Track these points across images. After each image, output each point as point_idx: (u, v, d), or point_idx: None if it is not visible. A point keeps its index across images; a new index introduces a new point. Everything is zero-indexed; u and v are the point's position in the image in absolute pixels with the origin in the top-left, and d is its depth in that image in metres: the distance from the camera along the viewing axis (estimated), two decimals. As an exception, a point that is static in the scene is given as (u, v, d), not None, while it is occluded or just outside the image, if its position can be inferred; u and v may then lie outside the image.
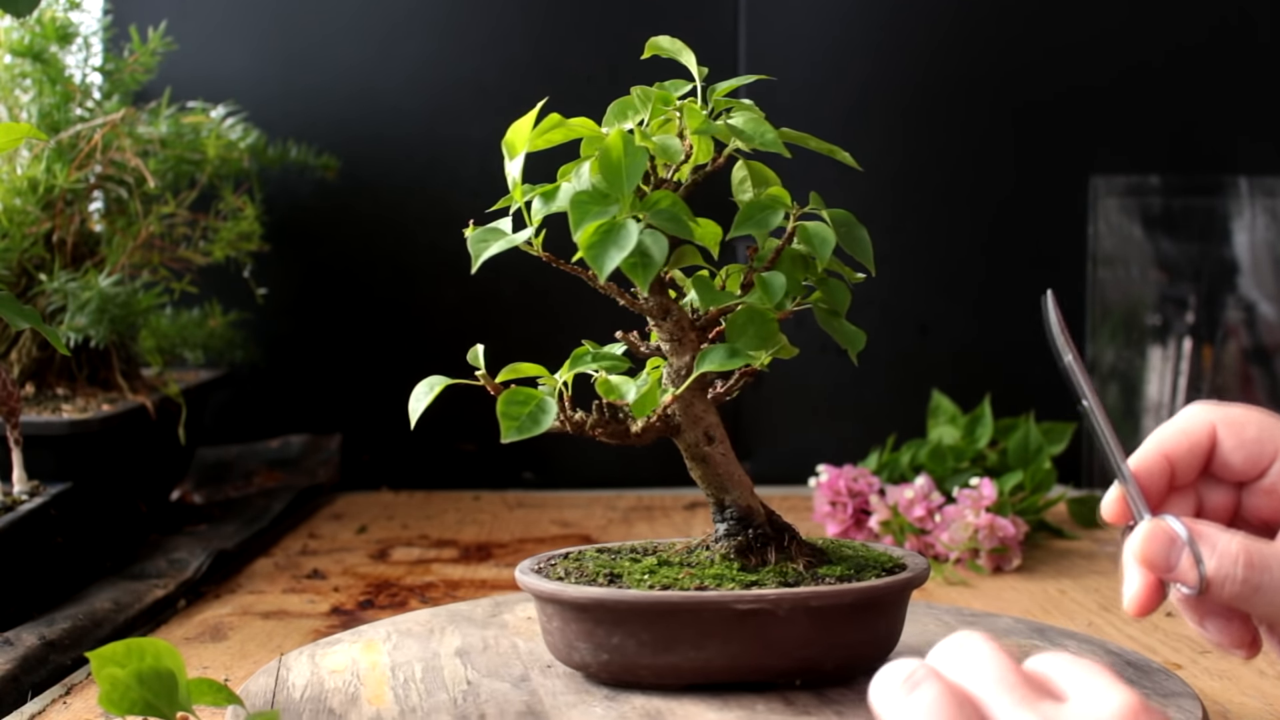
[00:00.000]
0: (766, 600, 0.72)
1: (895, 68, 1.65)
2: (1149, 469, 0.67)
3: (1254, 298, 1.60)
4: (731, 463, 0.80)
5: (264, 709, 0.77)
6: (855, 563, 0.78)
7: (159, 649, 0.63)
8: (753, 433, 1.66)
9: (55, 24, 1.26)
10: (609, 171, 0.73)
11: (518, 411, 0.74)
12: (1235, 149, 1.65)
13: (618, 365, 0.77)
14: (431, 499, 1.57)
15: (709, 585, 0.74)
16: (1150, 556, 0.63)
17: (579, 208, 0.71)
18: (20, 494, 1.06)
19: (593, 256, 0.71)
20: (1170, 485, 0.67)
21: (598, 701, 0.75)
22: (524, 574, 0.79)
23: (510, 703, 0.75)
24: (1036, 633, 0.87)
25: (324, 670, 0.83)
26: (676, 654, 0.74)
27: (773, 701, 0.73)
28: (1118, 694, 0.49)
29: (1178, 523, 0.63)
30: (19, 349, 1.26)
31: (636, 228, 0.71)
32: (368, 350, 1.65)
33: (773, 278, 0.75)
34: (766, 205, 0.76)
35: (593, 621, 0.75)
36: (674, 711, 0.72)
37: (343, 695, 0.78)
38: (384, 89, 1.64)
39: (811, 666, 0.75)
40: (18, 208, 1.22)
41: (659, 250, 0.71)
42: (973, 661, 0.51)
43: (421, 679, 0.80)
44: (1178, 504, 0.68)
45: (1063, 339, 0.66)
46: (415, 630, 0.90)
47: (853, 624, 0.75)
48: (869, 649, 0.76)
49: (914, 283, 1.66)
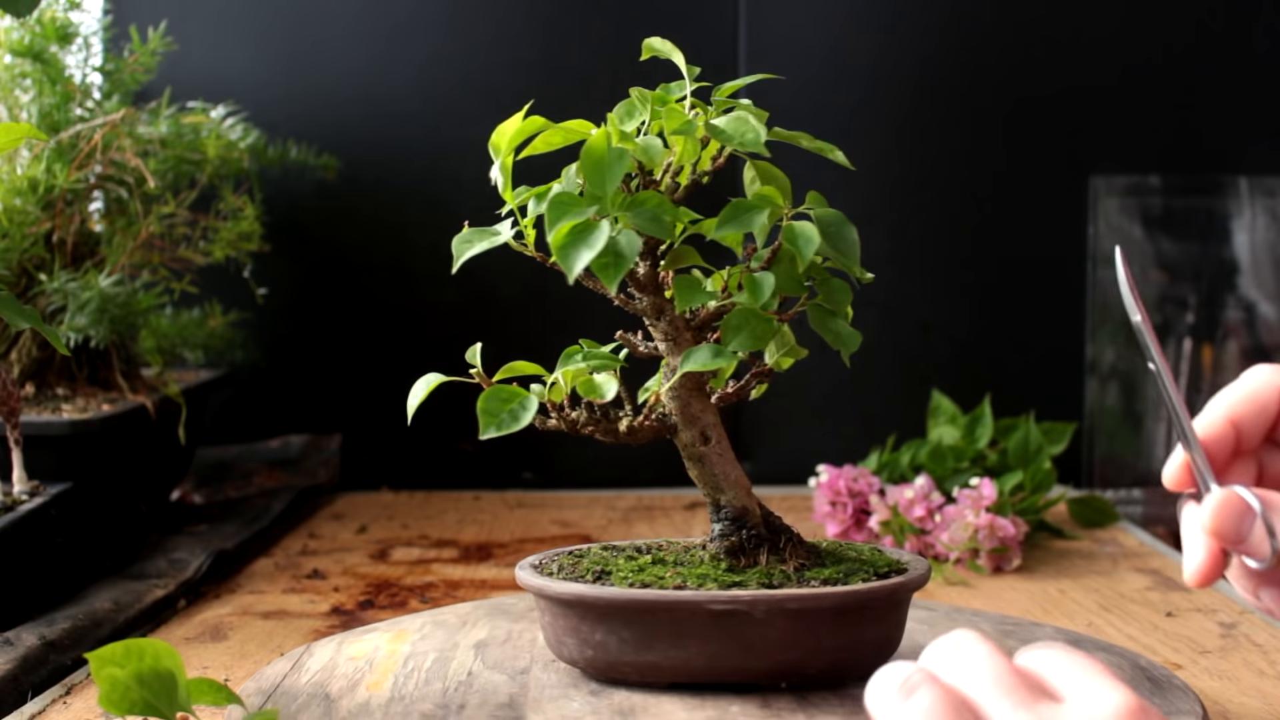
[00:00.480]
0: (741, 601, 0.73)
1: (895, 67, 1.65)
2: (1216, 435, 0.64)
3: (1254, 298, 1.60)
4: (728, 463, 0.80)
5: (266, 700, 0.77)
6: (850, 566, 0.78)
7: (158, 649, 0.63)
8: (753, 433, 1.66)
9: (55, 24, 1.26)
10: (591, 171, 0.73)
11: (498, 408, 0.75)
12: (1235, 149, 1.65)
13: (608, 364, 0.77)
14: (431, 499, 1.57)
15: (690, 585, 0.75)
16: (1222, 527, 0.61)
17: (556, 208, 0.72)
18: (20, 494, 1.06)
19: (562, 256, 0.71)
20: (1236, 451, 0.65)
21: (580, 696, 0.75)
22: (522, 569, 0.80)
23: (496, 694, 0.76)
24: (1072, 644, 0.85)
25: (343, 657, 0.84)
26: (656, 652, 0.74)
27: (749, 703, 0.73)
28: (1116, 694, 0.48)
29: (1249, 493, 0.60)
30: (19, 349, 1.26)
31: (608, 227, 0.71)
32: (368, 350, 1.65)
33: (763, 278, 0.75)
34: (751, 205, 0.76)
35: (577, 618, 0.76)
36: (648, 708, 0.73)
37: (346, 682, 0.79)
38: (385, 89, 1.64)
39: (795, 670, 0.74)
40: (18, 208, 1.22)
41: (631, 250, 0.71)
42: (969, 663, 0.51)
43: (428, 668, 0.81)
44: (1239, 470, 0.66)
45: (1132, 298, 0.64)
46: (450, 621, 0.91)
47: (836, 628, 0.74)
48: (856, 654, 0.76)
49: (914, 283, 1.66)
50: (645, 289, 0.79)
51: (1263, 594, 0.63)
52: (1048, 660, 0.51)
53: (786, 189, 0.79)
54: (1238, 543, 0.61)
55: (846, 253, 0.76)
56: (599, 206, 0.72)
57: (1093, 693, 0.49)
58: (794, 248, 0.75)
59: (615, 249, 0.71)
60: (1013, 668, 0.51)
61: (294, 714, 0.75)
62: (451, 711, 0.73)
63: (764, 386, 0.82)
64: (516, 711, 0.73)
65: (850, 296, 0.78)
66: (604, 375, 0.78)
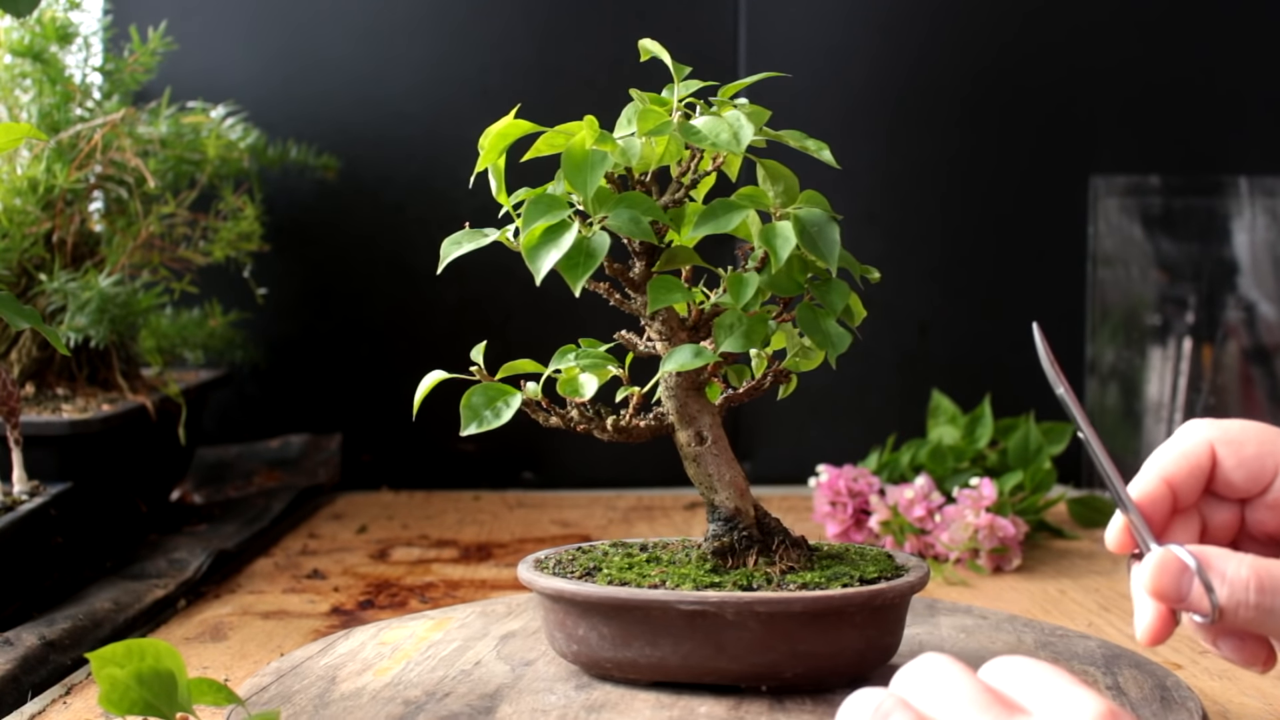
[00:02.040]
0: (709, 603, 0.73)
1: (895, 67, 1.65)
2: (1151, 497, 0.65)
3: (1254, 298, 1.60)
4: (724, 463, 0.79)
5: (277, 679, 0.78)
6: (839, 570, 0.77)
7: (159, 650, 0.63)
8: (753, 433, 1.66)
9: (55, 24, 1.26)
10: (572, 172, 0.73)
11: (481, 405, 0.76)
12: (1235, 149, 1.65)
13: (600, 362, 0.77)
14: (431, 499, 1.57)
15: (669, 585, 0.75)
16: (1161, 588, 0.62)
17: (535, 209, 0.73)
18: (20, 494, 1.06)
19: (531, 257, 0.72)
20: (1173, 509, 0.66)
21: (563, 689, 0.76)
22: (524, 564, 0.82)
23: (486, 683, 0.77)
24: (1107, 659, 0.84)
25: (375, 642, 0.86)
26: (634, 650, 0.75)
27: (720, 705, 0.74)
28: (1090, 702, 0.48)
29: (1185, 552, 0.61)
30: (19, 349, 1.26)
31: (576, 228, 0.72)
32: (368, 350, 1.65)
33: (748, 278, 0.76)
34: (732, 205, 0.76)
35: (563, 613, 0.77)
36: (616, 705, 0.74)
37: (361, 666, 0.81)
38: (384, 89, 1.64)
39: (771, 674, 0.74)
40: (18, 208, 1.22)
41: (600, 251, 0.72)
42: (941, 686, 0.50)
43: (444, 656, 0.83)
44: (1182, 526, 0.67)
45: (1053, 371, 0.65)
46: (498, 611, 0.94)
47: (811, 633, 0.74)
48: (836, 660, 0.75)
49: (914, 283, 1.66)
50: (640, 289, 0.79)
51: (1220, 644, 0.64)
52: (1016, 672, 0.51)
53: (794, 188, 0.78)
54: (1179, 601, 0.62)
55: (826, 252, 0.75)
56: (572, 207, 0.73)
57: (1066, 701, 0.48)
58: (770, 247, 0.75)
59: (587, 249, 0.72)
60: (986, 688, 0.50)
61: (294, 694, 0.76)
62: (434, 699, 0.75)
63: (792, 386, 0.82)
64: (494, 701, 0.74)
65: (849, 296, 0.78)
66: (586, 374, 0.78)
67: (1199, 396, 1.58)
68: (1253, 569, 0.60)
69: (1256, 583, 0.60)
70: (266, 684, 0.78)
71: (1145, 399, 1.60)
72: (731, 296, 0.75)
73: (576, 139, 0.74)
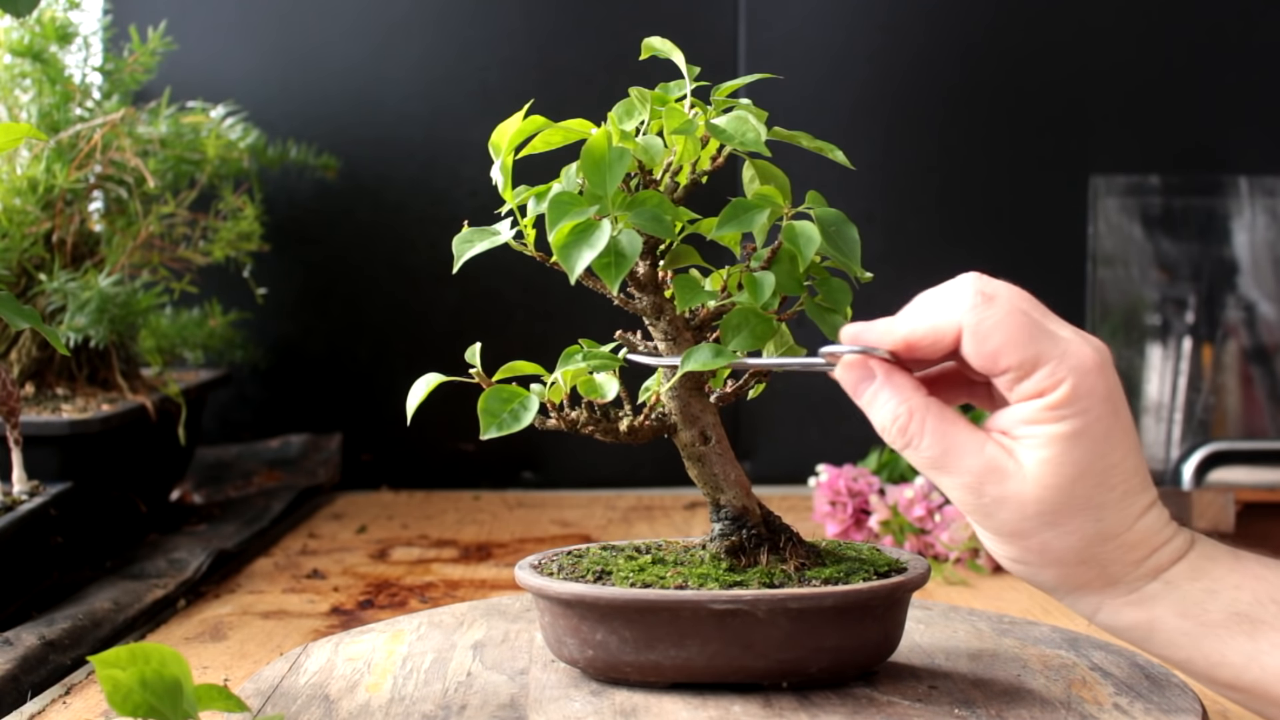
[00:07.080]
0: (743, 601, 0.72)
1: (895, 67, 1.65)
2: (895, 350, 0.72)
3: (1254, 298, 1.60)
4: (728, 463, 0.79)
5: (265, 702, 0.77)
6: (851, 565, 0.77)
7: (164, 655, 0.62)
8: (753, 433, 1.66)
9: (55, 24, 1.26)
10: (591, 171, 0.73)
11: (499, 408, 0.75)
12: (1235, 149, 1.65)
13: (608, 363, 0.77)
14: (431, 499, 1.57)
15: (691, 585, 0.75)
16: (847, 383, 0.71)
17: (557, 207, 0.72)
18: (20, 494, 1.06)
19: (564, 256, 0.71)
20: (910, 359, 0.72)
21: (581, 696, 0.75)
22: (521, 569, 0.80)
23: (497, 694, 0.76)
24: (1069, 643, 0.85)
25: (341, 658, 0.84)
26: (658, 652, 0.74)
27: (752, 703, 0.73)
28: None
29: (881, 365, 0.71)
30: (19, 349, 1.26)
31: (609, 227, 0.71)
32: (368, 350, 1.65)
33: (763, 277, 0.75)
34: (751, 204, 0.76)
35: (577, 618, 0.76)
36: (649, 708, 0.73)
37: (345, 683, 0.79)
38: (384, 89, 1.64)
39: (796, 669, 0.74)
40: (18, 208, 1.22)
41: (633, 250, 0.71)
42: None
43: (427, 669, 0.81)
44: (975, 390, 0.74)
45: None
46: (447, 622, 0.91)
47: (837, 628, 0.74)
48: (857, 654, 0.76)
49: (914, 283, 1.65)
50: (645, 288, 0.79)
51: None
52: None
53: (786, 188, 0.79)
54: (854, 395, 0.71)
55: (847, 252, 0.76)
56: (600, 206, 0.72)
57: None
58: (795, 247, 0.75)
59: (617, 249, 0.71)
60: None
61: (294, 715, 0.74)
62: (453, 712, 0.73)
63: (762, 386, 0.82)
64: (518, 712, 0.73)
65: (849, 296, 0.79)
66: (605, 375, 0.78)
67: (1199, 396, 1.58)
68: (914, 412, 0.68)
69: (904, 423, 0.68)
70: (257, 707, 0.76)
71: (1145, 398, 1.60)
72: (750, 296, 0.75)
73: (596, 136, 0.73)
